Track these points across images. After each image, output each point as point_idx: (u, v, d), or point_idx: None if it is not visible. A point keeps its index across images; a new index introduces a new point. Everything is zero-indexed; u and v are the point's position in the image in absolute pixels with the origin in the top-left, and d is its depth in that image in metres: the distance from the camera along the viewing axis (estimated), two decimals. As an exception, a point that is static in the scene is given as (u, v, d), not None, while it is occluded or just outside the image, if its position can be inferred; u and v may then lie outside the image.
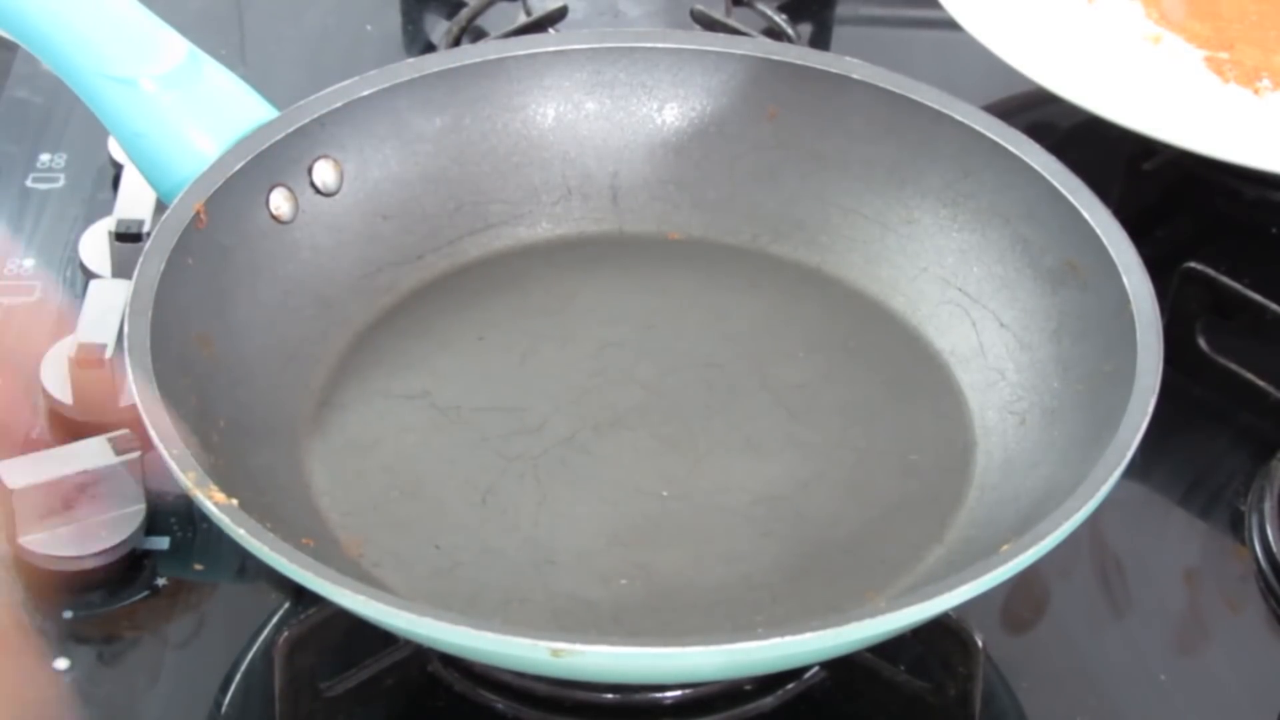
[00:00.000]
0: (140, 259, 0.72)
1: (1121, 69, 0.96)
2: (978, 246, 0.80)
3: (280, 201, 0.78)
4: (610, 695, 0.70)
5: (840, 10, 1.09)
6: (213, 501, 0.64)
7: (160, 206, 0.82)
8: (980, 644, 0.67)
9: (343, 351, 0.78)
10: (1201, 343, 0.83)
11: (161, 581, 0.74)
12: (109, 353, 0.79)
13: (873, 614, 0.61)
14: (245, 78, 0.80)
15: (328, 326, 0.78)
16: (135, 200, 0.86)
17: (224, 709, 0.70)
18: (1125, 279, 0.73)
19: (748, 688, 0.71)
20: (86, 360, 0.78)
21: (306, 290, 0.78)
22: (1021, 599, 0.75)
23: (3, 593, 0.73)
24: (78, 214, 0.91)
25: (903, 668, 0.69)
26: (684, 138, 0.85)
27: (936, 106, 0.81)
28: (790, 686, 0.71)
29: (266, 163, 0.77)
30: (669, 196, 0.85)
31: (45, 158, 0.95)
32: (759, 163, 0.84)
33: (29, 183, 0.93)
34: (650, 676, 0.67)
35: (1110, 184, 0.83)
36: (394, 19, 1.06)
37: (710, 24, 1.00)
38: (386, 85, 0.81)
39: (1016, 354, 0.77)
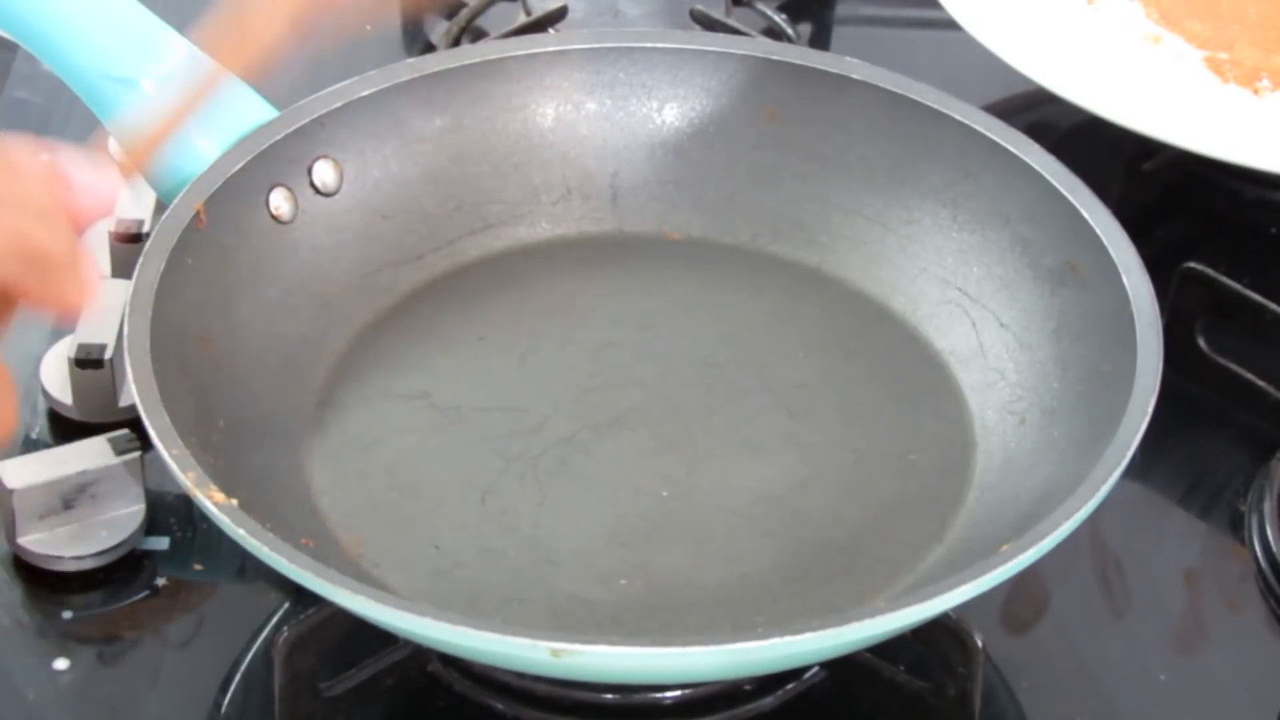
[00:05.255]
0: (140, 259, 0.72)
1: (1121, 69, 0.96)
2: (978, 247, 0.80)
3: (280, 201, 0.78)
4: (610, 695, 0.70)
5: (840, 10, 1.09)
6: (213, 501, 0.64)
7: (160, 206, 0.82)
8: (980, 644, 0.67)
9: (342, 351, 0.78)
10: (1201, 343, 0.83)
11: (161, 581, 0.74)
12: (109, 353, 0.79)
13: (873, 614, 0.61)
14: (245, 78, 0.80)
15: (328, 326, 0.78)
16: (135, 200, 0.86)
17: (224, 709, 0.70)
18: (1125, 279, 0.73)
19: (748, 688, 0.71)
20: (86, 360, 0.78)
21: (306, 290, 0.78)
22: (1021, 599, 0.75)
23: (3, 593, 0.73)
24: (78, 214, 0.91)
25: (903, 668, 0.69)
26: (684, 138, 0.85)
27: (936, 106, 0.81)
28: (790, 686, 0.71)
29: (266, 163, 0.77)
30: (669, 196, 0.85)
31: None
32: (759, 163, 0.84)
33: (29, 183, 0.93)
34: (650, 676, 0.67)
35: (1110, 184, 0.83)
36: (394, 19, 1.06)
37: (710, 24, 1.00)
38: (386, 85, 0.81)
39: (1016, 354, 0.77)
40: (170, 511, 0.76)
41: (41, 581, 0.74)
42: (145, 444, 0.72)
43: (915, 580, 0.70)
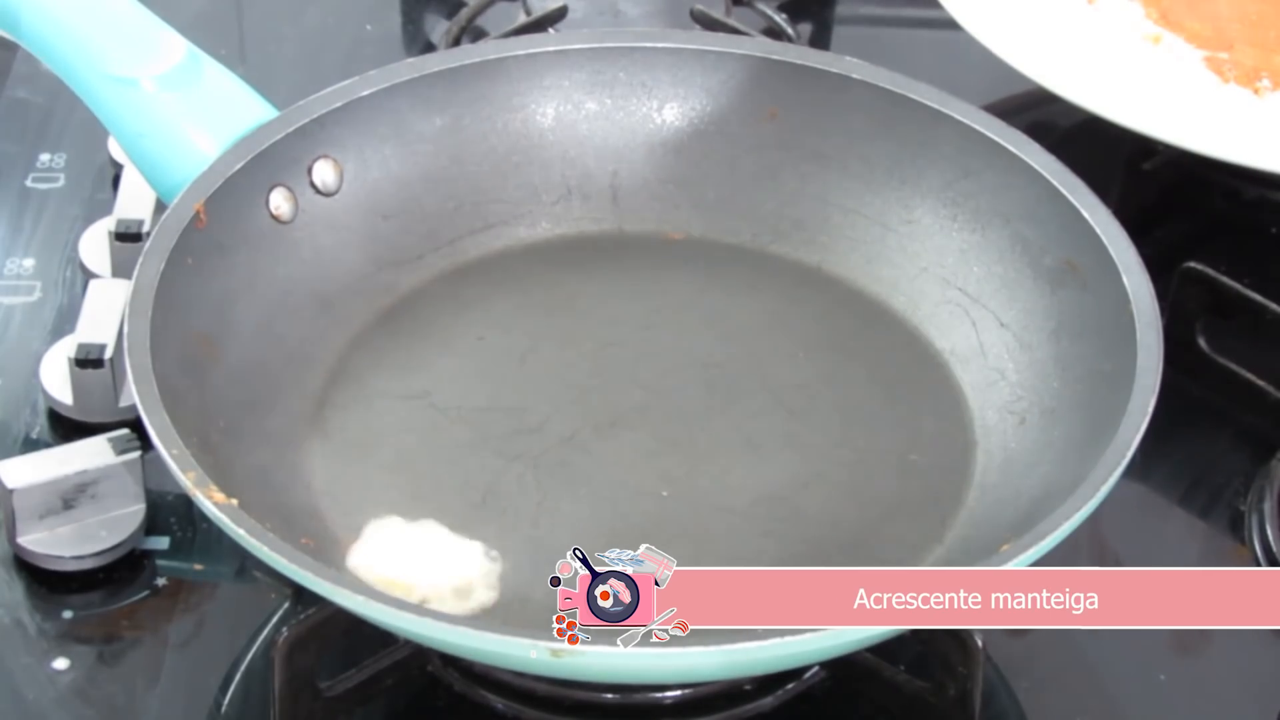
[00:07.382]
0: (140, 259, 0.72)
1: (1121, 69, 0.96)
2: (978, 246, 0.80)
3: (280, 201, 0.78)
4: (610, 695, 0.70)
5: (840, 10, 1.09)
6: (213, 501, 0.64)
7: (160, 206, 0.82)
8: (980, 644, 0.67)
9: (343, 352, 0.78)
10: (1201, 343, 0.83)
11: (161, 581, 0.74)
12: (109, 353, 0.79)
13: (873, 614, 0.61)
14: (245, 78, 0.80)
15: (328, 326, 0.78)
16: (135, 200, 0.86)
17: (224, 709, 0.70)
18: (1125, 279, 0.73)
19: (748, 688, 0.71)
20: (86, 360, 0.78)
21: (306, 290, 0.78)
22: (1021, 599, 0.75)
23: (3, 593, 0.73)
24: (78, 214, 0.91)
25: (903, 668, 0.69)
26: (684, 137, 0.85)
27: (936, 106, 0.81)
28: (790, 686, 0.71)
29: (266, 163, 0.77)
30: (669, 196, 0.85)
31: (45, 158, 0.95)
32: (759, 163, 0.84)
33: (29, 183, 0.93)
34: (650, 676, 0.67)
35: (1110, 184, 0.83)
36: (394, 19, 1.06)
37: (710, 24, 1.00)
38: (386, 85, 0.81)
39: (1016, 354, 0.77)
40: (170, 511, 0.76)
41: (41, 581, 0.74)
42: (145, 444, 0.72)
43: (915, 580, 0.70)
